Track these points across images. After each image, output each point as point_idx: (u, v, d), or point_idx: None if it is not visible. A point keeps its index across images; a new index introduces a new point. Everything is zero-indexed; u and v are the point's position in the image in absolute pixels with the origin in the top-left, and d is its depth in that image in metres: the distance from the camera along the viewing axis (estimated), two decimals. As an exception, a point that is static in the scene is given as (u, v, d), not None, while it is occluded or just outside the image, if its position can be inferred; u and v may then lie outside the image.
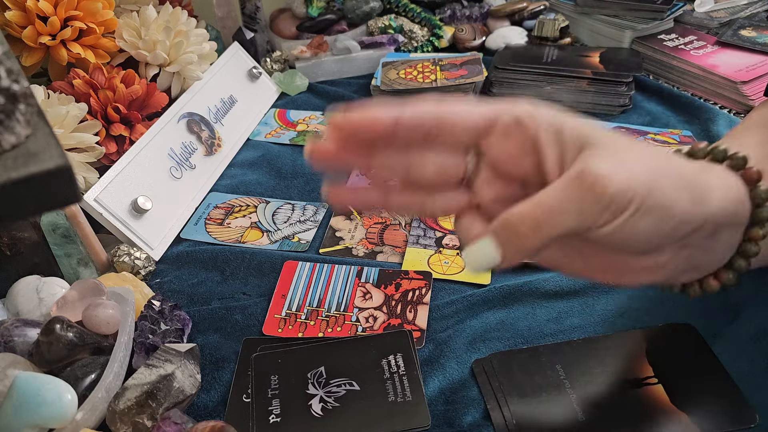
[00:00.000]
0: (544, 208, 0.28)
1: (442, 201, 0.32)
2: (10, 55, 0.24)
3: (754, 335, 0.42)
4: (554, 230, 0.28)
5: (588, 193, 0.28)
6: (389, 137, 0.30)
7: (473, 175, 0.32)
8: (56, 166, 0.23)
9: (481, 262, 0.30)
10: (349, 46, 0.81)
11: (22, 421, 0.36)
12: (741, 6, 0.86)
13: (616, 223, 0.28)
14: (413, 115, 0.30)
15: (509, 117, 0.30)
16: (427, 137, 0.30)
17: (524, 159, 0.31)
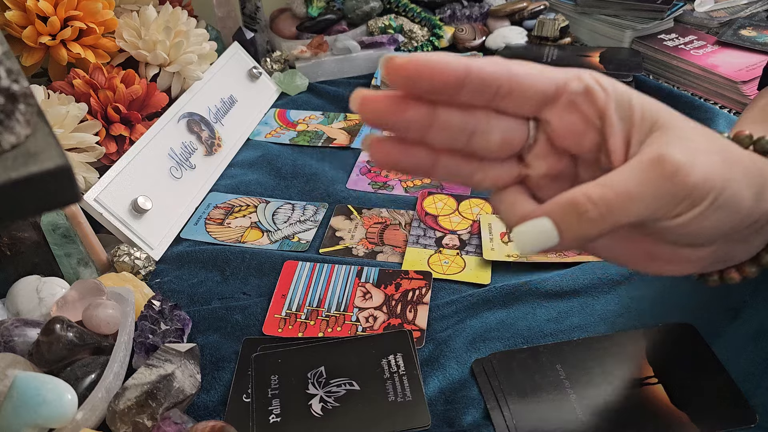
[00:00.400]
0: (618, 191, 0.26)
1: (494, 172, 0.29)
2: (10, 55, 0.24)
3: (754, 335, 0.42)
4: (625, 217, 0.26)
5: (667, 181, 0.26)
6: (456, 91, 0.26)
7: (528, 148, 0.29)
8: (56, 166, 0.23)
9: (536, 243, 0.27)
10: (349, 46, 0.81)
11: (22, 421, 0.36)
12: (741, 6, 0.86)
13: (689, 215, 0.27)
14: (486, 70, 0.26)
15: (579, 85, 0.28)
16: (495, 97, 0.27)
17: (586, 133, 0.28)
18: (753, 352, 0.41)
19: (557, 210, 0.26)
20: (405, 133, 0.27)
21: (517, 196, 0.29)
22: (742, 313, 0.44)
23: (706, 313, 0.44)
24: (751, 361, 0.41)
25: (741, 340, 0.42)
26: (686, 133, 0.27)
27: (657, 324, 0.44)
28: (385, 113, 0.26)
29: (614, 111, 0.28)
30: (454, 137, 0.27)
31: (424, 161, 0.28)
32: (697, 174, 0.26)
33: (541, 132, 0.29)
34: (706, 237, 0.29)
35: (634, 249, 0.31)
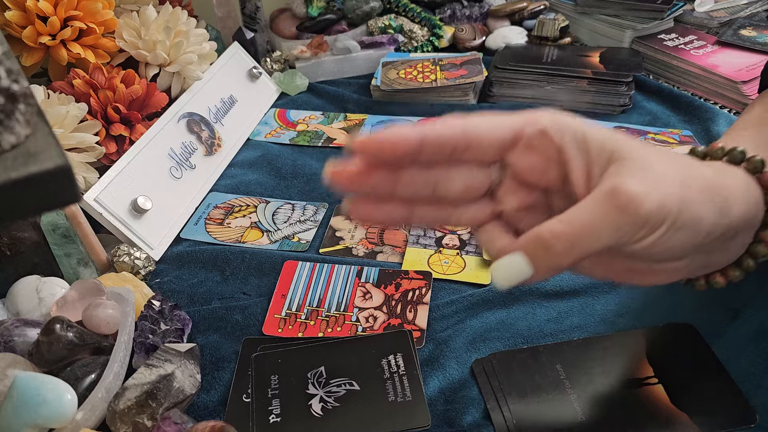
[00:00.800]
0: (578, 226, 0.28)
1: (467, 213, 0.32)
2: (10, 55, 0.24)
3: (755, 335, 0.42)
4: (589, 248, 0.28)
5: (622, 213, 0.27)
6: (415, 156, 0.29)
7: (497, 185, 0.32)
8: (56, 166, 0.23)
9: (511, 277, 0.29)
10: (349, 46, 0.81)
11: (22, 421, 0.36)
12: (741, 6, 0.86)
13: (650, 239, 0.28)
14: (439, 133, 0.29)
15: (534, 128, 0.30)
16: (453, 154, 0.30)
17: (549, 170, 0.30)
18: (753, 352, 0.41)
19: (527, 246, 0.29)
20: (376, 192, 0.30)
21: (494, 232, 0.32)
22: (742, 313, 0.44)
23: (706, 313, 0.44)
24: (752, 361, 0.41)
25: (741, 340, 0.42)
26: (643, 162, 0.29)
27: (657, 324, 0.44)
28: (353, 182, 0.30)
29: (571, 147, 0.29)
30: (419, 190, 0.31)
31: (399, 213, 0.31)
32: (651, 202, 0.27)
33: (506, 172, 0.31)
34: (675, 254, 0.30)
35: (613, 267, 0.33)
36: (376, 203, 0.31)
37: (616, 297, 0.47)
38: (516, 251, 0.29)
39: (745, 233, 0.33)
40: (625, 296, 0.47)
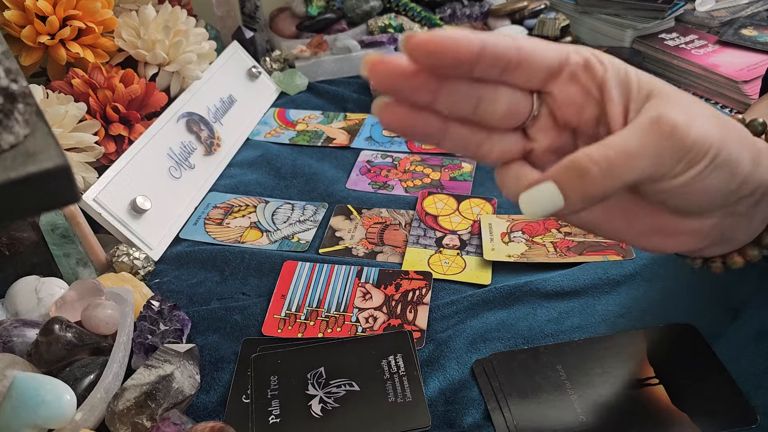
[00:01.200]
0: (618, 150, 0.27)
1: (501, 144, 0.30)
2: (9, 55, 0.24)
3: (755, 335, 0.42)
4: (628, 175, 0.27)
5: (665, 139, 0.27)
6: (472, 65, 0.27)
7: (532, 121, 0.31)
8: (55, 165, 0.22)
9: (541, 207, 0.28)
10: (349, 45, 0.81)
11: (21, 422, 0.36)
12: (742, 5, 0.85)
13: (689, 174, 0.28)
14: (497, 45, 0.27)
15: (579, 58, 0.29)
16: (504, 71, 0.28)
17: (587, 106, 0.30)
18: (754, 353, 0.41)
19: (561, 172, 0.27)
20: (414, 96, 0.28)
21: (522, 168, 0.30)
22: (743, 313, 0.44)
23: (707, 313, 0.44)
24: (752, 361, 0.41)
25: (741, 340, 0.42)
26: (681, 100, 0.28)
27: (657, 324, 0.44)
28: (396, 76, 0.27)
29: (612, 82, 0.29)
30: (461, 103, 0.28)
31: (434, 127, 0.29)
32: (694, 132, 0.27)
33: (544, 105, 0.30)
34: (708, 200, 0.29)
35: (636, 222, 0.31)
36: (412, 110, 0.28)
37: (617, 297, 0.47)
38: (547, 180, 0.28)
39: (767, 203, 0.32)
40: (626, 297, 0.47)
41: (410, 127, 0.29)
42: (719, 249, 0.34)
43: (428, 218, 0.57)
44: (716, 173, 0.28)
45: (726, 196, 0.29)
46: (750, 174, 0.29)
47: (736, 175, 0.29)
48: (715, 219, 0.31)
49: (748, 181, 0.29)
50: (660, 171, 0.27)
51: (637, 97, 0.29)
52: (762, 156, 0.30)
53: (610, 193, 0.27)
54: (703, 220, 0.31)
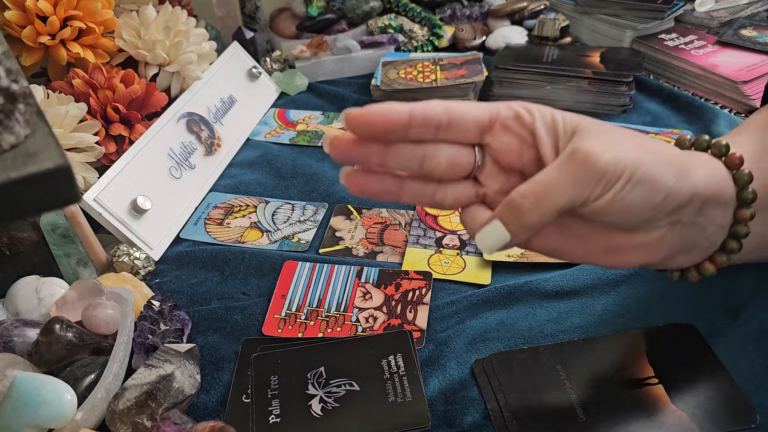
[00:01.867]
0: (542, 184, 0.31)
1: (452, 191, 0.35)
2: (10, 55, 0.24)
3: (755, 335, 0.42)
4: (554, 203, 0.31)
5: (581, 166, 0.30)
6: (403, 130, 0.32)
7: (479, 170, 0.35)
8: (55, 166, 0.23)
9: (493, 242, 0.33)
10: (349, 45, 0.81)
11: (21, 421, 0.36)
12: (741, 5, 0.86)
13: (609, 194, 0.31)
14: (425, 108, 0.32)
15: (508, 112, 0.34)
16: (438, 130, 0.33)
17: (523, 151, 0.34)
18: (753, 352, 0.41)
19: (501, 210, 0.32)
20: (367, 161, 0.33)
21: (477, 211, 0.35)
22: (743, 313, 0.44)
23: (706, 313, 0.44)
24: (752, 361, 0.41)
25: (741, 340, 0.42)
26: (601, 132, 0.32)
27: (657, 324, 0.44)
28: (348, 150, 0.33)
29: (540, 128, 0.33)
30: (408, 162, 0.33)
31: (391, 186, 0.34)
32: (605, 157, 0.30)
33: (486, 155, 0.35)
34: (638, 215, 0.32)
35: (591, 244, 0.35)
36: (370, 175, 0.34)
37: (617, 297, 0.47)
38: (494, 219, 0.33)
39: (719, 211, 0.34)
40: (626, 297, 0.47)
41: (370, 188, 0.34)
42: (687, 259, 0.36)
43: (428, 218, 0.57)
44: (636, 190, 0.31)
45: (654, 210, 0.32)
46: (675, 187, 0.32)
47: (658, 190, 0.31)
48: (661, 231, 0.34)
49: (674, 194, 0.32)
50: (582, 195, 0.31)
51: (563, 136, 0.33)
52: (691, 168, 0.33)
53: (545, 221, 0.31)
54: (649, 234, 0.34)
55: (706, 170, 0.34)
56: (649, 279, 0.48)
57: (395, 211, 0.59)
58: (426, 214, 0.58)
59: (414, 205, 0.37)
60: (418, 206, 0.59)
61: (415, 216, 0.58)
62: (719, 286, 0.46)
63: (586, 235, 0.35)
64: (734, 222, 0.35)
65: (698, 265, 0.37)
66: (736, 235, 0.35)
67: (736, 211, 0.35)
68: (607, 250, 0.35)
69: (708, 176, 0.33)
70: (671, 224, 0.33)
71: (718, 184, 0.34)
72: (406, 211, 0.59)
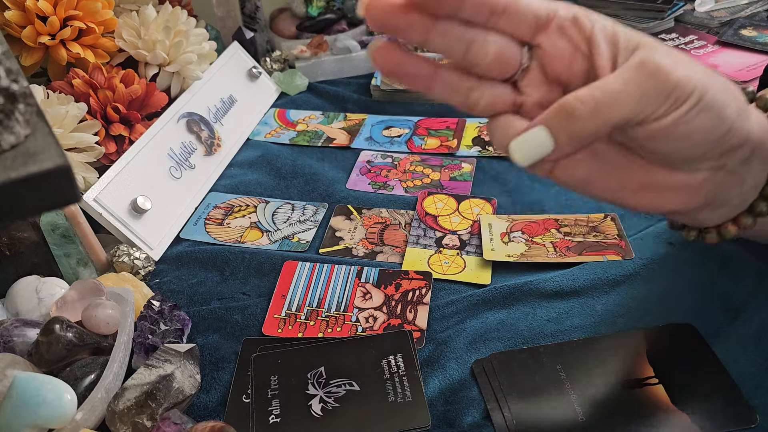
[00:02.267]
0: (604, 90, 0.28)
1: (490, 93, 0.31)
2: (10, 55, 0.24)
3: (755, 335, 0.42)
4: (614, 114, 0.28)
5: (651, 79, 0.28)
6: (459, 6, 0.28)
7: (522, 73, 0.31)
8: (55, 166, 0.22)
9: (532, 151, 0.29)
10: (349, 45, 0.81)
11: (21, 421, 0.36)
12: (741, 5, 0.85)
13: (675, 114, 0.28)
14: None
15: (567, 14, 0.30)
16: (492, 15, 0.29)
17: (575, 60, 0.30)
18: (753, 352, 0.41)
19: (550, 115, 0.29)
20: (408, 34, 0.29)
21: (512, 120, 0.31)
22: (743, 313, 0.44)
23: (707, 313, 0.44)
24: (752, 361, 0.41)
25: (741, 340, 0.42)
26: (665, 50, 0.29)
27: (657, 324, 0.44)
28: (390, 14, 0.28)
29: (599, 36, 0.30)
30: (452, 45, 0.29)
31: (424, 69, 0.30)
32: (677, 73, 0.28)
33: (534, 59, 0.31)
34: (696, 146, 0.30)
35: (627, 179, 0.32)
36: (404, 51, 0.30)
37: (617, 297, 0.47)
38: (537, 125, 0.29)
39: (760, 165, 0.32)
40: (626, 296, 0.47)
41: (401, 66, 0.30)
42: (713, 215, 0.34)
43: (428, 218, 0.57)
44: (702, 115, 0.29)
45: (714, 144, 0.30)
46: (736, 123, 0.30)
47: (723, 120, 0.29)
48: (705, 173, 0.31)
49: (734, 131, 0.30)
50: (645, 111, 0.28)
51: (624, 49, 0.30)
52: (750, 112, 0.31)
53: (598, 134, 0.28)
54: (692, 174, 0.31)
55: (758, 116, 0.32)
56: (649, 279, 0.48)
57: (395, 211, 0.59)
58: (426, 214, 0.58)
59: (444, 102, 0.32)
60: (419, 205, 0.59)
61: (415, 216, 0.58)
62: (719, 286, 0.46)
63: (624, 167, 0.32)
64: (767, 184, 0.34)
65: (720, 226, 0.35)
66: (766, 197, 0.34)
67: None
68: (642, 187, 0.32)
69: (759, 124, 0.31)
70: (716, 169, 0.31)
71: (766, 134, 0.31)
72: (406, 211, 0.59)
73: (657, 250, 0.50)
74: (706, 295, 0.45)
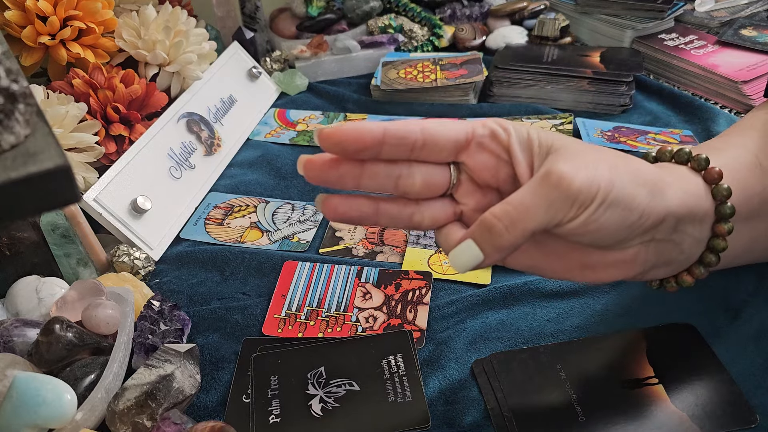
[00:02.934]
0: (516, 206, 0.31)
1: (429, 211, 0.35)
2: (10, 55, 0.24)
3: (755, 335, 0.42)
4: (528, 225, 0.31)
5: (555, 190, 0.30)
6: (377, 149, 0.32)
7: (454, 188, 0.35)
8: (55, 166, 0.22)
9: (465, 262, 0.32)
10: (349, 45, 0.81)
11: (21, 421, 0.36)
12: (741, 5, 0.86)
13: (583, 216, 0.31)
14: (399, 128, 0.32)
15: (484, 130, 0.33)
16: (412, 150, 0.33)
17: (499, 169, 0.34)
18: (753, 352, 0.41)
19: (475, 231, 0.32)
20: (342, 182, 0.33)
21: (452, 231, 0.35)
22: (743, 313, 0.44)
23: (706, 313, 0.44)
24: (752, 361, 0.41)
25: (741, 340, 0.42)
26: (575, 151, 0.32)
27: (657, 324, 0.44)
28: (323, 171, 0.32)
29: (516, 145, 0.33)
30: (382, 183, 0.33)
31: (367, 209, 0.34)
32: (579, 179, 0.30)
33: (462, 173, 0.35)
34: (613, 235, 0.32)
35: (568, 261, 0.35)
36: (346, 200, 0.34)
37: (617, 297, 0.47)
38: (467, 238, 0.32)
39: (695, 227, 0.34)
40: (626, 296, 0.47)
41: (346, 214, 0.34)
42: (664, 271, 0.36)
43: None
44: (611, 211, 0.31)
45: (630, 229, 0.32)
46: (648, 206, 0.32)
47: (632, 210, 0.31)
48: (635, 249, 0.33)
49: (648, 213, 0.32)
50: (556, 218, 0.31)
51: (539, 154, 0.32)
52: (665, 187, 0.33)
53: (518, 243, 0.31)
54: (623, 251, 0.34)
55: (680, 187, 0.33)
56: (649, 279, 0.48)
57: (395, 211, 0.59)
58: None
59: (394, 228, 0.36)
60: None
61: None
62: (719, 286, 0.46)
63: (562, 253, 0.35)
64: (712, 236, 0.35)
65: (677, 276, 0.37)
66: (714, 248, 0.35)
67: (714, 225, 0.35)
68: (583, 267, 0.35)
69: (683, 194, 0.33)
70: (645, 242, 0.33)
71: (695, 200, 0.34)
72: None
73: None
74: (706, 295, 0.45)
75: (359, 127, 0.31)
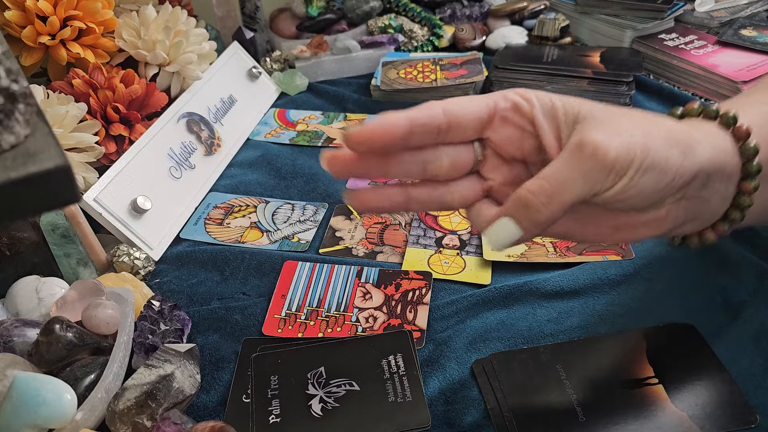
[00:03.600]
0: (551, 180, 0.30)
1: (459, 191, 0.34)
2: (10, 55, 0.24)
3: (755, 335, 0.42)
4: (565, 199, 0.30)
5: (590, 160, 0.30)
6: (405, 140, 0.31)
7: (481, 164, 0.35)
8: (55, 166, 0.22)
9: (503, 239, 0.32)
10: (349, 45, 0.81)
11: (21, 421, 0.36)
12: (741, 5, 0.85)
13: (620, 184, 0.30)
14: (423, 114, 0.31)
15: (506, 103, 0.33)
16: (438, 134, 0.32)
17: (524, 141, 0.33)
18: (753, 352, 0.41)
19: (510, 207, 0.32)
20: (369, 175, 0.33)
21: (483, 206, 0.34)
22: (743, 313, 0.44)
23: (707, 313, 0.44)
24: (752, 361, 0.41)
25: (741, 340, 0.42)
26: (605, 118, 0.31)
27: (657, 324, 0.44)
28: (348, 166, 0.32)
29: (540, 115, 0.33)
30: (410, 170, 0.33)
31: (398, 198, 0.34)
32: (614, 147, 0.30)
33: (487, 149, 0.34)
34: (649, 198, 0.32)
35: (603, 225, 0.35)
36: (374, 191, 0.33)
37: (617, 297, 0.47)
38: (502, 216, 0.32)
39: (722, 183, 0.34)
40: (626, 296, 0.47)
41: (378, 204, 0.34)
42: (690, 227, 0.36)
43: (428, 218, 0.57)
44: (647, 176, 0.31)
45: (664, 190, 0.32)
46: (681, 166, 0.31)
47: (667, 172, 0.31)
48: (668, 206, 0.33)
49: (682, 172, 0.31)
50: (593, 188, 0.30)
51: (565, 123, 0.32)
52: (695, 144, 0.32)
53: (556, 217, 0.31)
54: (656, 211, 0.33)
55: (710, 143, 0.33)
56: (648, 279, 0.48)
57: (395, 211, 0.59)
58: (426, 214, 0.58)
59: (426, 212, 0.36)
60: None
61: (415, 216, 0.58)
62: (719, 286, 0.46)
63: (595, 218, 0.35)
64: (738, 193, 0.35)
65: (700, 232, 0.37)
66: (739, 205, 0.35)
67: (740, 183, 0.35)
68: (615, 229, 0.35)
69: (711, 149, 0.33)
70: (677, 200, 0.33)
71: (723, 156, 0.33)
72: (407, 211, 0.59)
73: (657, 250, 0.50)
74: (706, 295, 0.45)
75: (384, 123, 0.31)
